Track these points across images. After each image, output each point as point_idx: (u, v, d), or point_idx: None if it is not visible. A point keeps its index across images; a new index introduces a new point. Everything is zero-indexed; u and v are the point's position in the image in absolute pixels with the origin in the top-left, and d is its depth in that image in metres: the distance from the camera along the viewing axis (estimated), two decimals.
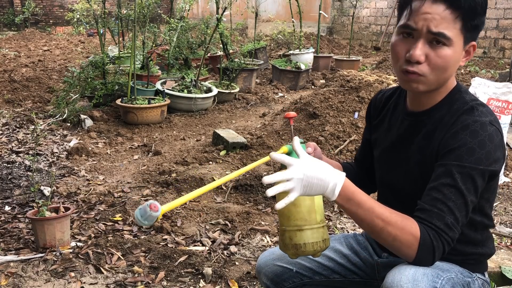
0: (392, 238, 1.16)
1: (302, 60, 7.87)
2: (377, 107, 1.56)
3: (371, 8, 11.91)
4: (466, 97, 1.31)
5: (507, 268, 2.30)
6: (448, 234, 1.17)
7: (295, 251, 1.32)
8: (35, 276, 2.43)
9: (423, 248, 1.16)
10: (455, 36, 1.22)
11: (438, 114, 1.32)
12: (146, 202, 1.01)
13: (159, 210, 1.01)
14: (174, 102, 5.81)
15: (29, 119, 5.47)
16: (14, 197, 3.42)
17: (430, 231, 1.16)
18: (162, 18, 7.90)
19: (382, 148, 1.49)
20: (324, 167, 1.17)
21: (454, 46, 1.23)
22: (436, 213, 1.18)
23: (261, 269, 1.61)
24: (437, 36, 1.21)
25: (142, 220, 1.01)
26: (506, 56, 8.88)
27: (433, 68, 1.24)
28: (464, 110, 1.26)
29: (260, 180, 3.48)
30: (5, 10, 15.53)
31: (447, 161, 1.21)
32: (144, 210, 1.00)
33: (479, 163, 1.19)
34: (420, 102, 1.36)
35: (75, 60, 9.31)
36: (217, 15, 6.47)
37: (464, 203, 1.19)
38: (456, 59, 1.26)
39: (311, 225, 1.31)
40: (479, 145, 1.19)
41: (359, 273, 1.57)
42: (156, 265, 2.54)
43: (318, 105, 4.40)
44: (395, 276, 1.19)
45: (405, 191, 1.39)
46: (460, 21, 1.21)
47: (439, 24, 1.20)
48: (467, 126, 1.22)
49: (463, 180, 1.18)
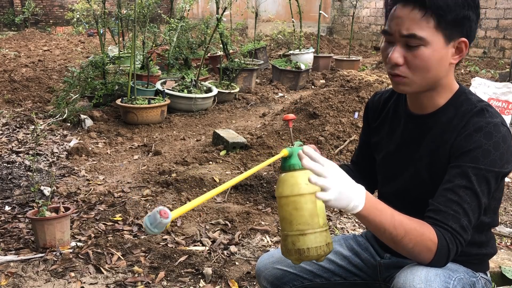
0: (412, 245, 1.16)
1: (302, 60, 7.87)
2: (375, 110, 1.54)
3: (371, 8, 11.91)
4: (472, 99, 1.30)
5: (507, 268, 2.30)
6: (462, 236, 1.17)
7: (298, 256, 1.30)
8: (35, 276, 2.43)
9: (441, 251, 1.16)
10: (430, 35, 1.20)
11: (445, 117, 1.30)
12: (156, 208, 0.95)
13: (169, 217, 0.96)
14: (174, 102, 5.81)
15: (29, 119, 5.47)
16: (14, 197, 3.42)
17: (446, 234, 1.16)
18: (162, 18, 7.90)
19: (385, 151, 1.47)
20: (350, 183, 1.13)
21: (432, 45, 1.21)
22: (452, 215, 1.17)
23: (260, 272, 1.59)
24: (408, 38, 1.21)
25: (151, 228, 0.95)
26: (506, 56, 8.88)
27: (413, 69, 1.24)
28: (474, 113, 1.25)
29: (260, 180, 3.48)
30: (5, 10, 15.53)
31: (462, 163, 1.20)
32: (154, 217, 0.95)
33: (494, 165, 1.19)
34: (421, 104, 1.35)
35: (75, 60, 9.31)
36: (217, 15, 6.47)
37: (478, 206, 1.19)
38: (438, 58, 1.23)
39: (314, 229, 1.28)
40: (494, 147, 1.19)
41: (360, 274, 1.56)
42: (156, 265, 2.54)
43: (318, 105, 4.40)
44: (407, 276, 1.18)
45: (411, 194, 1.38)
46: (432, 19, 1.20)
47: (410, 26, 1.20)
48: (480, 128, 1.21)
49: (478, 182, 1.18)
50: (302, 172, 1.29)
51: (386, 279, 1.51)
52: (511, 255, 2.51)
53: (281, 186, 1.31)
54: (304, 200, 1.27)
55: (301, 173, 1.29)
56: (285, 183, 1.30)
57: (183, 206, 1.03)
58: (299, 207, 1.28)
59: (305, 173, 1.29)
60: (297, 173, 1.30)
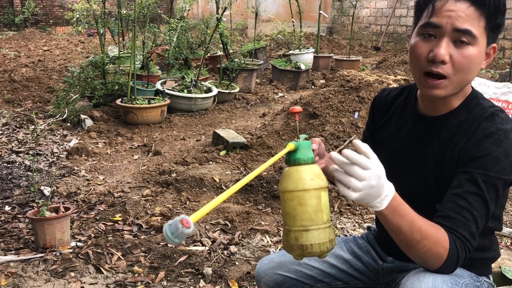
0: (425, 250, 1.14)
1: (302, 60, 7.87)
2: (381, 107, 1.51)
3: (371, 8, 11.91)
4: (484, 103, 1.27)
5: (507, 268, 2.30)
6: (471, 243, 1.15)
7: (301, 252, 1.26)
8: (35, 276, 2.43)
9: (450, 259, 1.14)
10: (480, 34, 1.18)
11: (455, 121, 1.28)
12: (177, 217, 0.89)
13: (192, 226, 0.89)
14: (174, 102, 5.81)
15: (29, 119, 5.47)
16: (14, 197, 3.42)
17: (457, 241, 1.14)
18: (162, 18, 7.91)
19: (390, 151, 1.44)
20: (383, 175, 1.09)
21: (479, 46, 1.19)
22: (462, 222, 1.15)
23: (261, 278, 1.56)
24: (463, 33, 1.16)
25: (172, 238, 0.88)
26: (506, 56, 8.88)
27: (457, 69, 1.19)
28: (485, 118, 1.23)
29: (260, 180, 3.47)
30: (5, 10, 15.53)
31: (471, 169, 1.18)
32: (176, 227, 0.88)
33: (503, 172, 1.17)
34: (436, 106, 1.32)
35: (75, 60, 9.31)
36: (217, 15, 6.47)
37: (487, 213, 1.17)
38: (480, 61, 1.22)
39: (318, 225, 1.24)
40: (504, 154, 1.17)
41: (362, 278, 1.53)
42: (156, 265, 2.54)
43: (318, 105, 4.40)
44: (414, 284, 1.16)
45: (415, 196, 1.35)
46: (484, 19, 1.18)
47: (465, 22, 1.16)
48: (490, 134, 1.19)
49: (487, 189, 1.16)
50: (307, 167, 1.26)
51: (389, 283, 1.49)
52: (511, 255, 2.51)
53: (285, 181, 1.27)
54: (308, 195, 1.23)
55: (306, 167, 1.26)
56: (290, 178, 1.26)
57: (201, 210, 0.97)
58: (303, 203, 1.24)
59: (310, 168, 1.27)
60: (302, 167, 1.26)
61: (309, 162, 1.28)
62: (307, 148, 1.30)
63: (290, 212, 1.27)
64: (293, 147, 1.29)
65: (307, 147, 1.30)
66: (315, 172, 1.28)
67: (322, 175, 1.29)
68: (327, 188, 1.29)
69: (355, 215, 3.15)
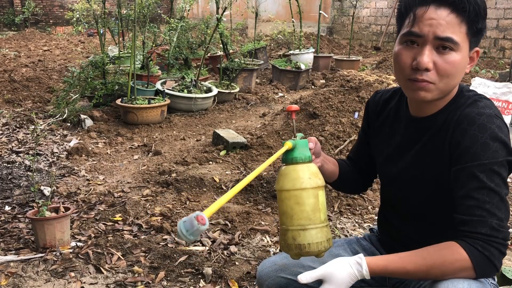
0: (441, 275, 1.13)
1: (302, 60, 7.87)
2: (374, 111, 1.52)
3: (371, 8, 11.91)
4: (468, 94, 1.29)
5: (507, 268, 2.30)
6: (497, 236, 1.12)
7: (298, 252, 1.26)
8: (35, 276, 2.43)
9: (478, 264, 1.12)
10: (462, 40, 1.19)
11: (443, 117, 1.29)
12: (192, 214, 0.88)
13: (207, 223, 0.89)
14: (174, 102, 5.81)
15: (29, 119, 5.47)
16: (14, 197, 3.42)
17: (477, 243, 1.12)
18: (162, 18, 7.91)
19: (386, 155, 1.45)
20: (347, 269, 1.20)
21: (462, 51, 1.20)
22: (477, 220, 1.13)
23: (263, 281, 1.54)
24: (444, 41, 1.18)
25: (187, 236, 0.88)
26: (506, 56, 8.88)
27: (441, 75, 1.21)
28: (467, 105, 1.24)
29: (260, 180, 3.47)
30: (5, 10, 15.53)
31: (465, 164, 1.18)
32: (191, 224, 0.87)
33: (496, 156, 1.15)
34: (423, 109, 1.33)
35: (75, 60, 9.31)
36: (217, 15, 6.47)
37: (501, 200, 1.15)
38: (464, 65, 1.23)
39: (315, 224, 1.24)
40: (491, 138, 1.16)
41: (367, 281, 1.49)
42: (156, 265, 2.54)
43: (318, 105, 4.40)
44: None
45: (414, 198, 1.36)
46: (465, 25, 1.19)
47: (446, 30, 1.18)
48: (473, 120, 1.19)
49: (489, 177, 1.15)
50: (304, 166, 1.26)
51: (396, 285, 1.48)
52: (511, 255, 2.51)
53: (283, 180, 1.26)
54: (306, 194, 1.23)
55: (304, 166, 1.26)
56: (287, 177, 1.26)
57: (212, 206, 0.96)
58: (300, 202, 1.24)
59: (308, 167, 1.26)
60: (300, 166, 1.26)
61: (307, 161, 1.27)
62: (304, 146, 1.29)
63: (287, 211, 1.26)
64: (291, 145, 1.28)
65: (304, 145, 1.29)
66: (312, 171, 1.27)
67: (319, 174, 1.28)
68: (324, 187, 1.28)
69: (355, 215, 3.15)
